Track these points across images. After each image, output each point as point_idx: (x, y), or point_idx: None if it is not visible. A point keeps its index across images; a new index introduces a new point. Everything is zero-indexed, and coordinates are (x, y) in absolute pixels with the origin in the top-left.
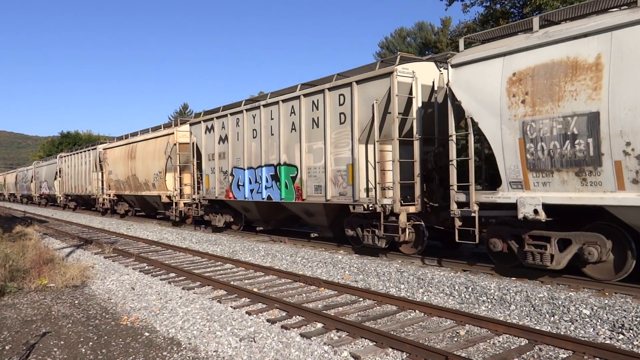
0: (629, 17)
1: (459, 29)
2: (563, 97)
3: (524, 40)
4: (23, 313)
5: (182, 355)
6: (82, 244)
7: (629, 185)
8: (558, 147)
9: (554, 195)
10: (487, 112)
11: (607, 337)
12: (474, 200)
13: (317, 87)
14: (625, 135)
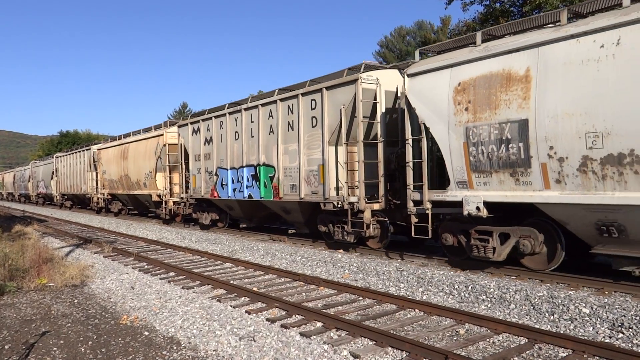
0: (552, 35)
1: (459, 27)
2: (499, 105)
3: (468, 53)
4: (22, 312)
5: (181, 354)
6: (82, 243)
7: (553, 184)
8: (495, 151)
9: (493, 193)
10: (437, 118)
11: (606, 335)
12: (427, 198)
13: (292, 93)
14: (549, 140)
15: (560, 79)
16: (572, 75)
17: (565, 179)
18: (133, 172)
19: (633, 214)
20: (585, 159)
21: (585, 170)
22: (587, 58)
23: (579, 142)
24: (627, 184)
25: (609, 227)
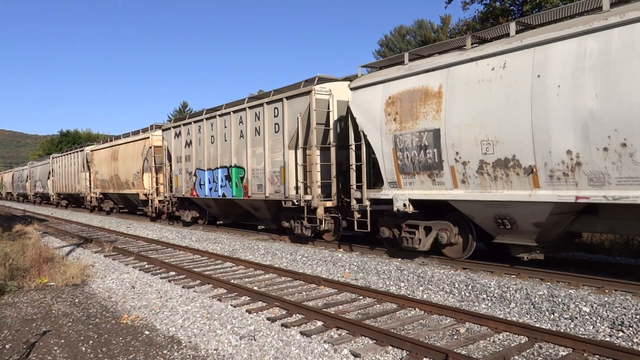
0: (458, 57)
1: (459, 26)
2: (419, 117)
3: (396, 71)
4: (23, 312)
5: (182, 353)
6: (82, 242)
7: (459, 184)
8: (417, 155)
9: (417, 192)
10: (372, 127)
11: (606, 334)
12: (366, 196)
13: (259, 101)
14: (455, 147)
15: (462, 95)
16: (471, 92)
17: (468, 180)
18: (122, 172)
19: (519, 208)
20: (481, 162)
21: (482, 172)
22: (482, 78)
23: (477, 148)
24: (512, 184)
25: (503, 220)
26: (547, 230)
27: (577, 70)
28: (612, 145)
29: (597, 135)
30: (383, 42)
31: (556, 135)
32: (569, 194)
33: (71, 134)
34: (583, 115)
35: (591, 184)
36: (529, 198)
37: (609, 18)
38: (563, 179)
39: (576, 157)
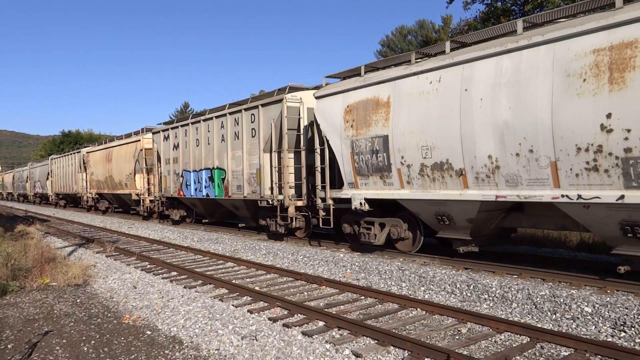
0: (403, 72)
1: (460, 26)
2: (371, 124)
3: (354, 82)
4: (25, 312)
5: (184, 353)
6: (84, 242)
7: (405, 185)
8: (370, 159)
9: (371, 192)
10: (334, 132)
11: (608, 334)
12: (329, 196)
13: (238, 107)
14: (401, 152)
15: (407, 105)
16: (414, 103)
17: (412, 181)
18: (116, 173)
19: (454, 206)
20: (422, 166)
21: (423, 174)
22: (422, 90)
23: (418, 153)
24: (447, 184)
25: (443, 217)
26: (480, 226)
27: (495, 86)
28: (522, 152)
29: (511, 143)
30: (384, 42)
31: (480, 142)
32: (490, 193)
33: (73, 134)
34: (500, 125)
35: (508, 185)
36: (460, 197)
37: (519, 41)
38: (486, 180)
39: (495, 161)
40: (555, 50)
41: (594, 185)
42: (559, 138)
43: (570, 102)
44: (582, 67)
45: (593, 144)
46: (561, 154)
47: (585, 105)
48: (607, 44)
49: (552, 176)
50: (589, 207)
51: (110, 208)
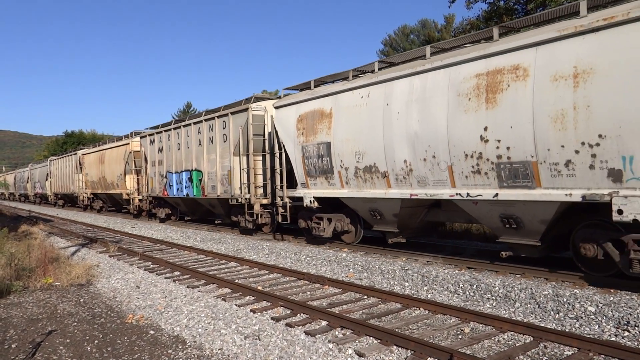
0: (341, 87)
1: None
2: (317, 132)
3: (305, 95)
4: (29, 311)
5: (187, 353)
6: (87, 242)
7: (345, 185)
8: (317, 162)
9: (319, 191)
10: (288, 139)
11: (612, 334)
12: (286, 195)
13: (212, 115)
14: (340, 156)
15: (344, 117)
16: (349, 115)
17: (349, 181)
18: (108, 174)
19: (382, 203)
20: (356, 168)
21: (357, 176)
22: (356, 104)
23: (353, 157)
24: (375, 184)
25: (374, 212)
26: (405, 220)
27: (408, 102)
28: (428, 157)
29: (420, 150)
30: (387, 42)
31: (398, 149)
32: (407, 192)
33: (76, 134)
34: (412, 135)
35: (419, 185)
36: (385, 195)
37: (425, 64)
38: (403, 181)
39: (409, 165)
40: (450, 73)
41: (478, 185)
42: (453, 146)
43: (460, 117)
44: (468, 88)
45: (476, 152)
46: (455, 160)
47: (470, 120)
48: (485, 70)
49: (449, 178)
50: (477, 204)
51: (104, 207)
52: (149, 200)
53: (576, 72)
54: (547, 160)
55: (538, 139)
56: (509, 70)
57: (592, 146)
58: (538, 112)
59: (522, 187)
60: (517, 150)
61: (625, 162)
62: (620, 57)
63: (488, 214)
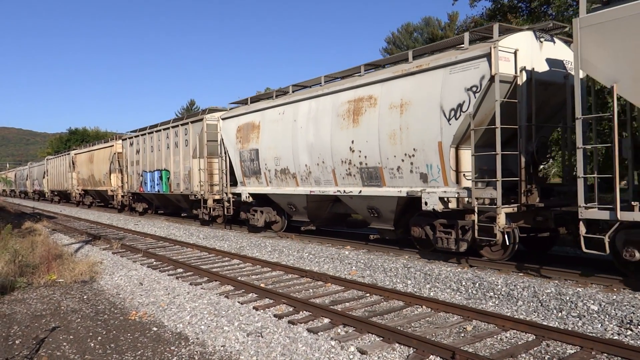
0: (267, 104)
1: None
2: (250, 140)
3: (242, 109)
4: (33, 308)
5: (189, 349)
6: (90, 239)
7: (269, 184)
8: (250, 165)
9: (252, 189)
10: (230, 145)
11: (615, 332)
12: (228, 191)
13: (177, 123)
14: (265, 161)
15: (268, 128)
16: (271, 127)
17: (272, 181)
18: (97, 172)
19: (295, 198)
20: (275, 170)
21: (277, 176)
22: (275, 119)
23: (273, 162)
24: (288, 183)
25: (291, 205)
26: (314, 212)
27: (308, 119)
28: (320, 162)
29: (315, 157)
30: (390, 40)
31: (301, 156)
32: (308, 189)
33: (80, 132)
34: (310, 145)
35: (316, 184)
36: (295, 192)
37: (318, 91)
38: (306, 181)
39: (309, 168)
40: (333, 99)
41: (350, 184)
42: (334, 154)
43: (338, 133)
44: (343, 111)
45: (347, 159)
46: (336, 165)
47: (343, 135)
48: (354, 97)
49: (333, 178)
50: (352, 198)
51: (93, 202)
52: (129, 195)
53: (402, 102)
54: (387, 166)
55: (382, 150)
56: (366, 99)
57: (410, 156)
58: (381, 131)
59: (375, 185)
60: (371, 158)
61: (428, 168)
62: (421, 94)
63: (359, 205)
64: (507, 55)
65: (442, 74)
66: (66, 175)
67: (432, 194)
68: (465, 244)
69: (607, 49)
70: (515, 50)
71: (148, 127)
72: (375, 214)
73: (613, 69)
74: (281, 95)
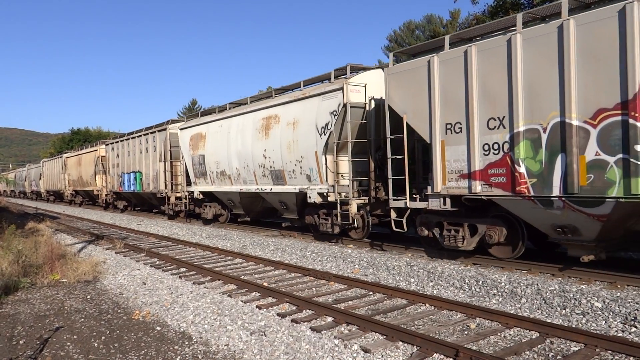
0: (211, 118)
1: (468, 20)
2: (199, 147)
3: (194, 121)
4: (36, 308)
5: (193, 349)
6: (94, 239)
7: (213, 183)
8: (199, 168)
9: (202, 187)
10: (186, 151)
11: (619, 329)
12: (185, 189)
13: (147, 131)
14: (209, 164)
15: (211, 138)
16: (213, 137)
17: (215, 181)
18: (84, 174)
19: (231, 195)
20: (216, 172)
21: (218, 177)
22: (216, 131)
23: (215, 165)
24: (226, 183)
25: (230, 201)
26: (248, 207)
27: (237, 131)
28: (245, 166)
29: (242, 161)
30: (392, 38)
31: (233, 161)
32: (239, 187)
33: (82, 132)
34: (238, 152)
35: (244, 183)
36: (230, 189)
37: (244, 109)
38: (237, 180)
39: (238, 170)
40: (253, 116)
41: (266, 183)
42: (254, 160)
43: (256, 143)
44: (260, 125)
45: (262, 163)
46: (255, 168)
47: (259, 144)
48: (266, 115)
49: (254, 179)
50: (268, 194)
51: (83, 201)
52: (111, 194)
53: (294, 121)
54: (287, 169)
55: (283, 157)
56: (273, 117)
57: (300, 162)
58: (282, 142)
59: (281, 184)
60: (276, 163)
61: (310, 171)
62: (305, 115)
63: (273, 200)
64: (358, 88)
65: (318, 100)
66: (59, 176)
67: (313, 190)
68: (338, 228)
69: (400, 90)
70: (365, 84)
71: (127, 134)
72: (284, 206)
73: (403, 105)
74: (222, 111)
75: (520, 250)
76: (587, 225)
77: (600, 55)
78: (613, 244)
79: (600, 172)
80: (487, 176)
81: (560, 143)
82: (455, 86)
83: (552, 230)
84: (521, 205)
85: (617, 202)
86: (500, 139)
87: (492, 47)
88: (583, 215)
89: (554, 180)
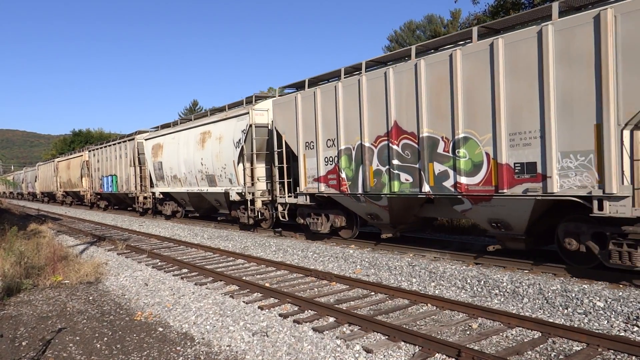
0: (167, 131)
1: (469, 20)
2: (158, 155)
3: (155, 133)
4: (39, 309)
5: (195, 350)
6: (95, 240)
7: (169, 184)
8: (158, 172)
9: (162, 189)
10: (149, 158)
11: (621, 329)
12: (149, 190)
13: (120, 140)
14: (165, 170)
15: (167, 148)
16: (168, 147)
17: (170, 183)
18: (72, 177)
19: (183, 195)
20: (171, 176)
21: (172, 180)
22: (170, 142)
23: (170, 170)
24: (177, 185)
25: (182, 200)
26: (196, 204)
27: (184, 143)
28: (190, 171)
29: (188, 167)
30: (392, 38)
31: (182, 166)
32: (187, 188)
33: (83, 133)
34: (186, 160)
35: (190, 185)
36: (181, 190)
37: (189, 124)
38: (186, 182)
39: (186, 175)
40: (195, 131)
41: (204, 185)
42: (195, 166)
43: (196, 152)
44: (198, 139)
45: (200, 169)
46: (196, 172)
47: (198, 154)
48: (203, 131)
49: (197, 181)
50: (207, 194)
51: (73, 202)
52: (94, 195)
53: (220, 136)
54: (217, 174)
55: (213, 164)
56: (207, 133)
57: (224, 169)
58: (212, 153)
59: (213, 186)
60: (209, 169)
61: (232, 175)
62: (227, 132)
63: (211, 198)
64: (262, 112)
65: (235, 121)
66: (52, 179)
67: (234, 190)
68: (252, 220)
69: (280, 116)
70: (268, 109)
71: (105, 142)
72: (219, 203)
73: (283, 127)
74: (175, 125)
75: (355, 233)
76: (381, 213)
77: (378, 99)
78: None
79: (379, 177)
80: (327, 180)
81: (361, 158)
82: (310, 116)
83: (366, 217)
84: (345, 200)
85: (387, 197)
86: (333, 153)
87: (328, 90)
88: (376, 206)
89: (359, 182)
